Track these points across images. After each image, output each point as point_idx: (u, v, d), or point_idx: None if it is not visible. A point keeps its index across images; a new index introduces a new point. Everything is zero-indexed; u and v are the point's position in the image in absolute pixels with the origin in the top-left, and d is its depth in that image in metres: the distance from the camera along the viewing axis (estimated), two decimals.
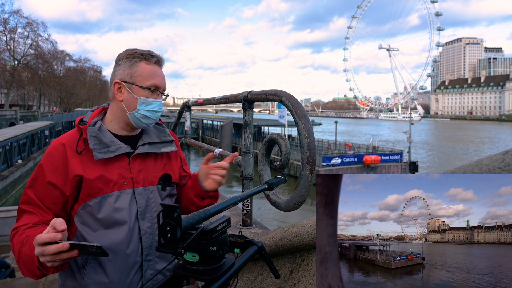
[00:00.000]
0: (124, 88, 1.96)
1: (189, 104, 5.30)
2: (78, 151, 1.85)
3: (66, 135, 1.95)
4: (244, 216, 3.14)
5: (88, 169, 1.83)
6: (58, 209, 1.83)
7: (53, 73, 76.13)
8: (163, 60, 2.06)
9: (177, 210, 1.13)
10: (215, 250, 1.33)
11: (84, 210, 1.83)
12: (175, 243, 1.13)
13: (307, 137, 2.13)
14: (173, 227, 1.13)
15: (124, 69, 1.96)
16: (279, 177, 2.11)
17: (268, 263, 1.83)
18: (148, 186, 1.98)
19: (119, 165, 1.90)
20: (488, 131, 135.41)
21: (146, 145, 2.02)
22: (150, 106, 1.97)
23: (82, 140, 1.88)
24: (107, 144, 1.88)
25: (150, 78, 1.96)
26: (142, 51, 1.99)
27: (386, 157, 43.86)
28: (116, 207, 1.84)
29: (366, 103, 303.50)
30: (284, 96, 2.38)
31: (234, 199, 1.58)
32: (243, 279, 2.51)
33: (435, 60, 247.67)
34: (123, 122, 2.01)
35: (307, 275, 1.92)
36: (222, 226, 1.38)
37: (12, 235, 1.76)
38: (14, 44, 65.19)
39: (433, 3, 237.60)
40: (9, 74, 67.02)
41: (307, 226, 1.96)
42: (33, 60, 69.34)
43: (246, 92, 2.89)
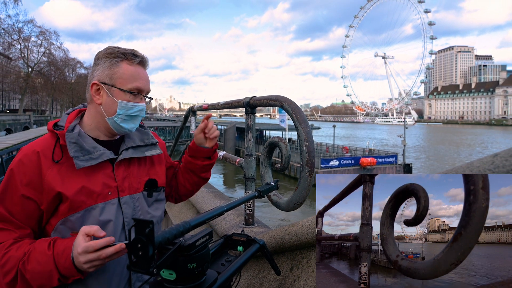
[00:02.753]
0: (103, 91, 1.73)
1: (195, 109, 5.30)
2: (55, 160, 1.62)
3: (39, 141, 1.70)
4: (247, 215, 3.13)
5: (68, 182, 1.61)
6: (32, 224, 1.62)
7: (65, 80, 76.50)
8: (147, 60, 1.84)
9: (150, 226, 1.02)
10: (193, 267, 1.21)
11: (64, 225, 1.61)
12: (147, 261, 1.02)
13: (306, 141, 2.13)
14: (144, 244, 1.02)
15: (103, 70, 1.73)
16: (271, 184, 2.09)
17: (270, 260, 1.82)
18: (133, 193, 1.79)
19: (102, 173, 1.70)
20: (479, 135, 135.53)
21: (130, 149, 1.83)
22: (131, 110, 1.76)
23: (59, 147, 1.65)
24: (89, 151, 1.66)
25: (133, 80, 1.74)
26: (124, 49, 1.77)
27: (381, 160, 43.94)
28: (102, 219, 1.63)
29: (363, 108, 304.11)
30: (285, 101, 2.37)
31: (220, 209, 1.46)
32: (245, 275, 2.51)
33: (428, 67, 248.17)
34: (103, 127, 1.79)
35: (307, 272, 1.92)
36: (201, 241, 1.26)
37: None
38: (28, 52, 65.47)
39: (426, 13, 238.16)
40: (23, 80, 67.34)
41: (306, 225, 1.95)
42: (46, 67, 69.62)
43: (248, 98, 2.89)
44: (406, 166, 44.94)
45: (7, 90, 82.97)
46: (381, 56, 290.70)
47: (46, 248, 1.48)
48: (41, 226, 1.67)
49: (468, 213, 1.15)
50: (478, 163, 1.06)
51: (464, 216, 1.12)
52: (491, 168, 1.00)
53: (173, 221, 5.13)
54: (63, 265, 1.44)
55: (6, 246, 1.50)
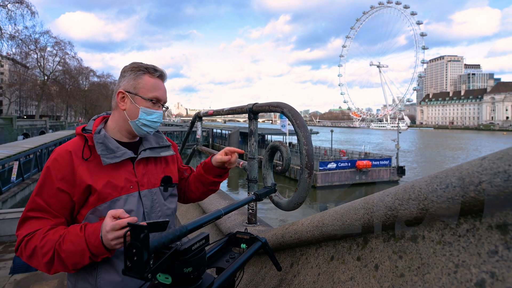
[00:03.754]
0: (127, 98, 1.91)
1: (201, 115, 5.31)
2: (85, 158, 1.79)
3: (70, 143, 1.86)
4: (250, 215, 3.14)
5: (96, 176, 1.77)
6: (66, 214, 1.78)
7: (79, 87, 76.62)
8: (166, 75, 2.04)
9: (144, 231, 1.00)
10: (189, 271, 1.19)
11: (93, 214, 1.76)
12: (142, 266, 0.99)
13: (305, 144, 2.13)
14: (139, 249, 0.99)
15: (128, 81, 1.92)
16: (269, 187, 2.12)
17: (271, 257, 1.83)
18: (151, 188, 1.95)
19: (125, 170, 1.86)
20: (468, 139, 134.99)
21: (147, 150, 2.00)
22: (150, 116, 1.93)
23: (88, 147, 1.82)
24: (113, 150, 1.83)
25: (153, 91, 1.93)
26: (147, 65, 1.96)
27: (376, 162, 43.87)
28: (125, 209, 1.73)
29: (359, 114, 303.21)
30: (286, 108, 2.38)
31: (217, 213, 1.48)
32: (248, 271, 2.51)
33: (420, 75, 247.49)
34: (125, 130, 1.96)
35: (306, 268, 1.92)
36: (198, 245, 1.23)
37: (25, 241, 1.66)
38: (44, 61, 65.59)
39: (418, 24, 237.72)
40: (40, 88, 67.52)
41: (306, 224, 1.95)
42: (60, 76, 69.76)
43: (251, 104, 2.90)
44: (400, 168, 44.82)
45: (24, 97, 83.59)
46: (376, 65, 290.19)
47: (78, 230, 1.62)
48: (73, 216, 1.81)
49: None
50: (467, 165, 1.06)
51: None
52: (480, 171, 1.01)
53: (180, 220, 5.14)
54: (93, 244, 1.57)
55: (44, 231, 1.66)
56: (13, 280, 8.96)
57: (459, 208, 1.08)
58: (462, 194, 1.05)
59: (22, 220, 1.73)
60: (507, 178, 0.93)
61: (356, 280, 1.50)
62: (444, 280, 1.09)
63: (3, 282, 8.63)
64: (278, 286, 2.07)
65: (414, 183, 1.25)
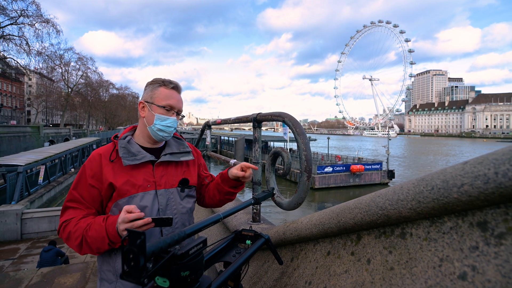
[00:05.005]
0: (146, 107, 2.02)
1: (209, 124, 5.33)
2: (111, 159, 1.92)
3: (103, 147, 2.00)
4: (254, 214, 3.14)
5: (118, 175, 1.88)
6: (97, 206, 1.91)
7: (99, 99, 76.86)
8: (181, 87, 2.11)
9: (141, 237, 0.95)
10: (186, 275, 1.14)
11: (115, 207, 1.87)
12: (138, 272, 0.94)
13: (305, 150, 2.14)
14: (136, 254, 0.94)
15: (147, 92, 2.03)
16: (267, 191, 2.12)
17: (273, 252, 1.84)
18: (169, 188, 2.00)
19: (144, 171, 1.94)
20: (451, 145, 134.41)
21: (168, 155, 2.06)
22: (164, 121, 2.00)
23: (115, 151, 1.95)
24: (134, 154, 1.94)
25: (166, 99, 2.00)
26: (164, 79, 2.05)
27: (368, 166, 43.70)
28: (141, 205, 1.87)
29: (353, 123, 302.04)
30: (286, 117, 2.39)
31: (216, 217, 1.47)
32: (253, 265, 2.51)
33: (408, 88, 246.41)
34: (146, 135, 2.05)
35: (305, 262, 1.92)
36: (195, 249, 1.18)
37: (63, 226, 1.84)
38: (68, 75, 65.71)
39: (406, 42, 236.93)
40: (64, 99, 67.79)
41: (305, 222, 1.95)
42: (83, 88, 69.95)
43: (255, 114, 2.91)
44: (390, 172, 44.66)
45: (50, 108, 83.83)
46: (368, 79, 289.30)
47: (101, 221, 1.76)
48: (103, 208, 1.94)
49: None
50: (450, 169, 1.07)
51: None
52: (462, 174, 1.01)
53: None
54: (111, 233, 1.70)
55: (77, 219, 1.82)
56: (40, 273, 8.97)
57: (444, 208, 1.08)
58: (446, 195, 1.05)
59: (63, 209, 1.90)
60: (487, 181, 0.94)
61: (350, 273, 1.50)
62: (430, 273, 1.10)
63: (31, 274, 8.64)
64: (280, 278, 2.07)
65: (403, 185, 1.25)
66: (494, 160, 0.94)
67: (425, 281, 1.10)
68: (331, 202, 34.25)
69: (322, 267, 1.74)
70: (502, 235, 0.95)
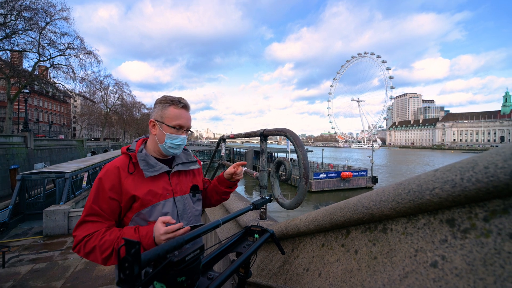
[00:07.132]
0: (157, 126, 1.85)
1: (224, 138, 5.33)
2: (130, 172, 1.74)
3: (117, 160, 1.80)
4: (261, 212, 3.13)
5: (139, 187, 1.72)
6: (116, 217, 1.72)
7: (133, 117, 77.18)
8: (189, 106, 1.90)
9: (136, 246, 0.88)
10: (182, 280, 1.04)
11: (138, 217, 1.71)
12: (133, 280, 0.86)
13: (303, 160, 2.14)
14: (130, 263, 0.86)
15: (157, 111, 1.85)
16: (266, 197, 2.12)
17: (277, 244, 1.83)
18: (183, 194, 1.90)
19: (162, 181, 1.81)
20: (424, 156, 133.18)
21: (179, 164, 1.95)
22: (175, 140, 1.85)
23: (132, 164, 1.77)
24: (153, 165, 1.79)
25: (176, 119, 1.83)
26: (173, 98, 1.87)
27: (356, 173, 43.47)
28: (163, 212, 1.75)
29: (343, 137, 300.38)
30: (288, 132, 2.40)
31: (216, 223, 1.41)
32: (260, 255, 2.50)
33: (389, 108, 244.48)
34: (158, 151, 1.89)
35: (303, 252, 1.92)
36: (192, 255, 1.08)
37: (85, 241, 1.57)
38: (107, 98, 66.22)
39: (387, 70, 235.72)
40: (103, 117, 68.24)
41: (303, 219, 1.95)
42: (119, 108, 70.28)
43: (262, 130, 2.91)
44: (374, 178, 44.40)
45: (92, 124, 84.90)
46: (356, 100, 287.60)
47: (133, 232, 1.58)
48: (120, 218, 1.75)
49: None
50: (424, 175, 1.07)
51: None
52: (433, 179, 1.02)
53: (209, 216, 5.12)
54: (147, 243, 1.52)
55: (102, 232, 1.59)
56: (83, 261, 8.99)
57: (418, 208, 1.09)
58: (420, 197, 1.06)
59: (80, 223, 1.64)
60: (454, 185, 0.95)
61: (341, 261, 1.50)
62: (407, 261, 1.10)
63: (76, 263, 8.68)
64: (282, 266, 2.06)
65: (384, 189, 1.26)
66: (460, 168, 0.95)
67: (403, 268, 1.10)
68: (325, 203, 33.94)
69: (318, 256, 1.74)
70: (466, 230, 0.95)
